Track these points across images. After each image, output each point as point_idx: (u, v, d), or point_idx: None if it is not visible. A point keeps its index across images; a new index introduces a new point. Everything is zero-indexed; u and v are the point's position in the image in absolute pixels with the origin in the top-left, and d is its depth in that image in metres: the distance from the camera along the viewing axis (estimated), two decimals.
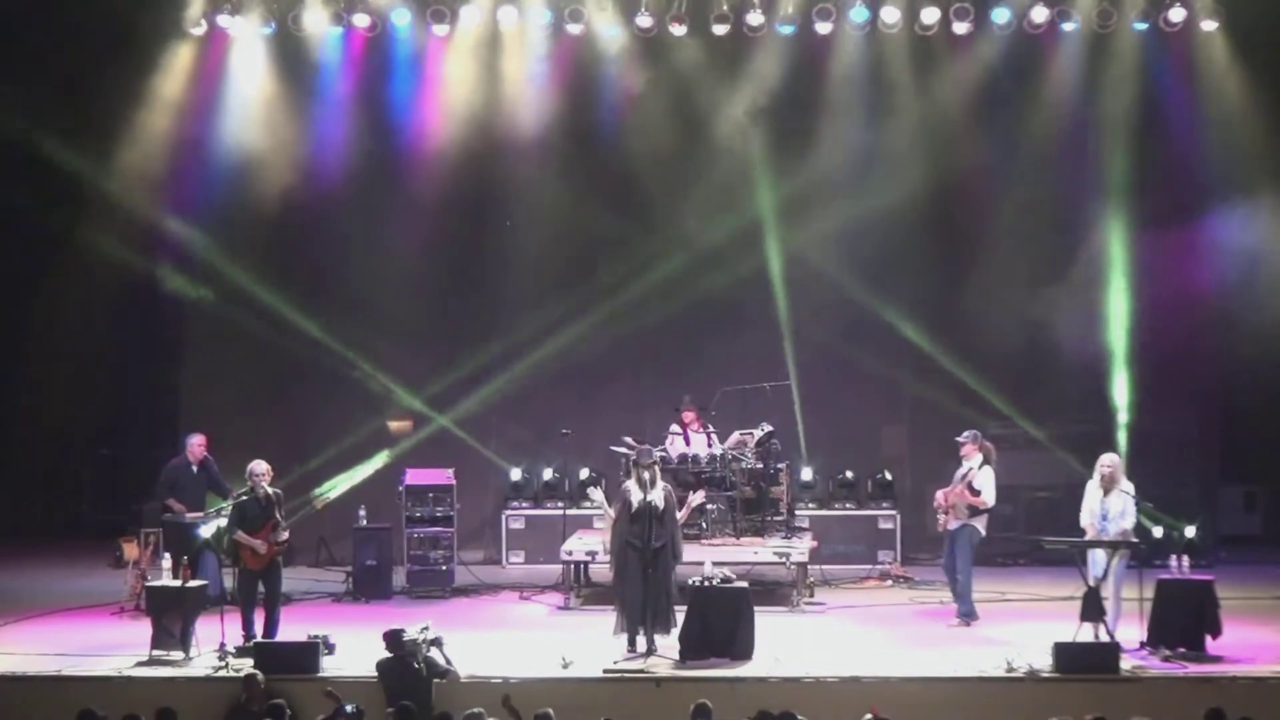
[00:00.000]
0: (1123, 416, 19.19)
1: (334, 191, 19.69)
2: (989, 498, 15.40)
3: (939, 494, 15.57)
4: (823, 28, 19.15)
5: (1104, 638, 13.60)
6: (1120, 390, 19.32)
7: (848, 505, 19.53)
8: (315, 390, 19.57)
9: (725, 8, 19.00)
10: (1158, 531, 17.47)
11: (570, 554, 16.82)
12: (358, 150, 19.69)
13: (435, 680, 12.71)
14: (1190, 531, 17.88)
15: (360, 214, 19.72)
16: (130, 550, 18.17)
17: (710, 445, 17.62)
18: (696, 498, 14.35)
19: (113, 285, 19.45)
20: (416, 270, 19.71)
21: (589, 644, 14.10)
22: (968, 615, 15.39)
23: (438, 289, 19.80)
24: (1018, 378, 19.40)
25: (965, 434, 15.67)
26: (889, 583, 17.99)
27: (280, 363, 19.54)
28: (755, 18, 19.11)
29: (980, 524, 15.45)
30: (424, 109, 19.80)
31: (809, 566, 16.73)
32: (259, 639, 13.93)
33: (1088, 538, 14.42)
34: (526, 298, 19.68)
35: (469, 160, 19.60)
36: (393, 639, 12.75)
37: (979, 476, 15.35)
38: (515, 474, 19.71)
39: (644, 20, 19.14)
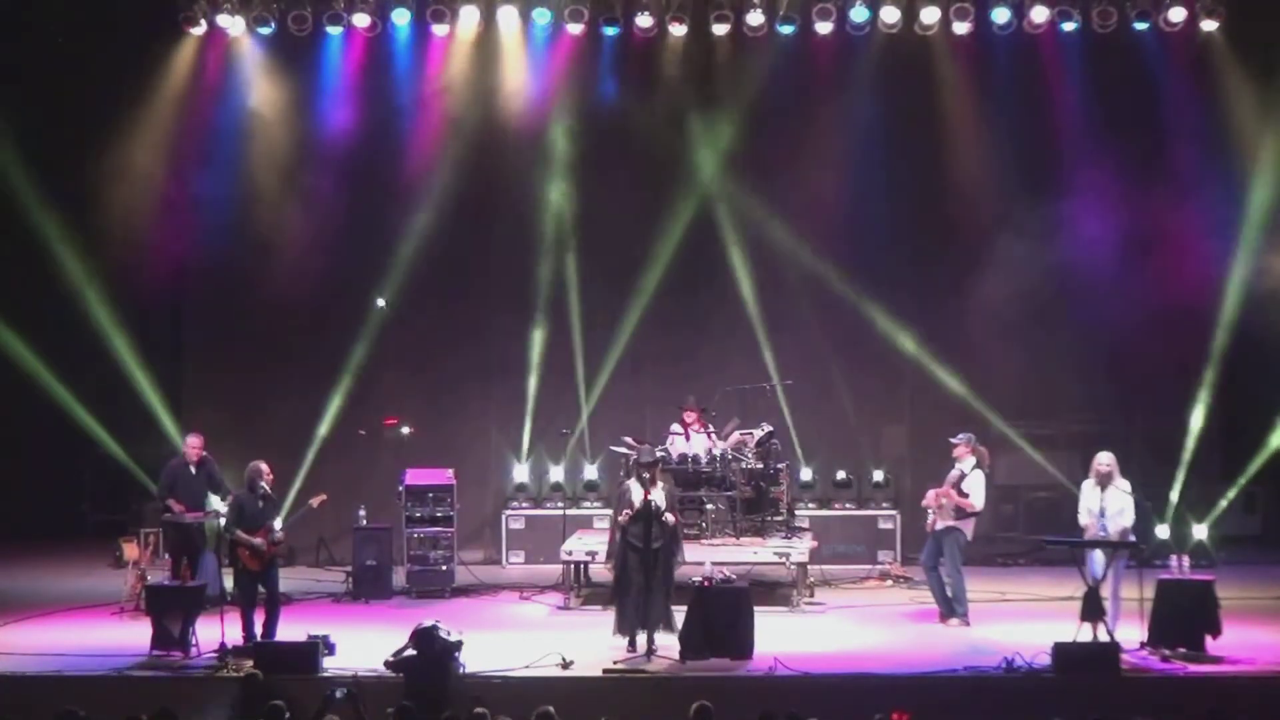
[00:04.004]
0: (1123, 416, 19.33)
1: (332, 191, 19.71)
2: (977, 502, 15.39)
3: (930, 493, 15.58)
4: (823, 27, 19.18)
5: (1104, 638, 13.59)
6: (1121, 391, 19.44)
7: (848, 505, 19.54)
8: (315, 391, 19.57)
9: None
10: (1163, 531, 17.57)
11: (570, 554, 16.81)
12: (357, 149, 19.71)
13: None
14: (1200, 531, 18.00)
15: (358, 212, 19.74)
16: (130, 550, 18.21)
17: (711, 444, 17.59)
18: (669, 518, 14.21)
19: (109, 284, 19.48)
20: (415, 268, 19.72)
21: (589, 644, 14.11)
22: (965, 615, 15.39)
23: (437, 287, 19.80)
24: (1018, 377, 19.42)
25: (960, 436, 15.66)
26: (889, 583, 17.97)
27: (280, 363, 19.57)
28: (755, 17, 19.14)
29: (967, 528, 15.42)
30: (423, 109, 19.81)
31: (809, 566, 16.73)
32: (259, 639, 13.93)
33: (1087, 537, 14.44)
34: (526, 296, 19.68)
35: (468, 159, 19.61)
36: (424, 639, 12.72)
37: (970, 480, 15.34)
38: (519, 474, 19.72)
39: (644, 20, 19.17)
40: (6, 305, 19.10)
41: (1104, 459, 14.50)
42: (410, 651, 12.95)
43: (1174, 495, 18.67)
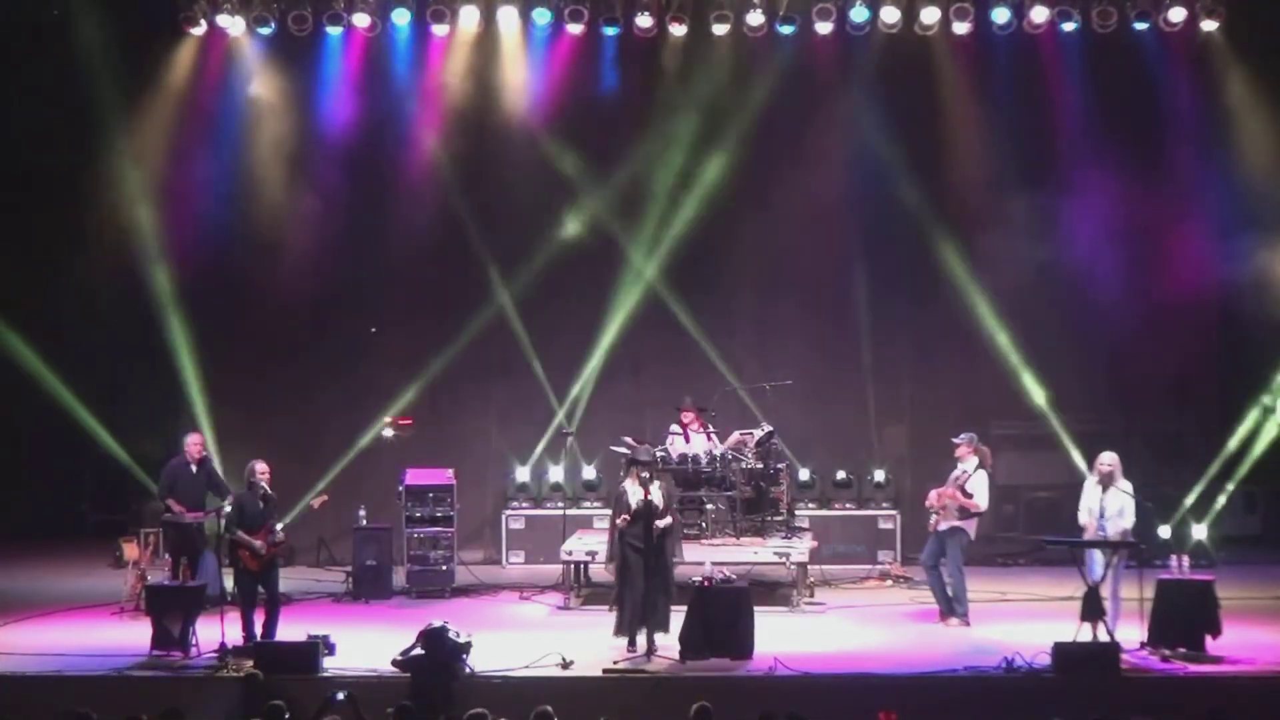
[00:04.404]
0: (1123, 416, 19.33)
1: (332, 191, 19.71)
2: (981, 502, 15.39)
3: (932, 493, 15.58)
4: (823, 27, 19.18)
5: (1104, 638, 13.59)
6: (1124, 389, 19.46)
7: (848, 505, 19.54)
8: (317, 390, 19.57)
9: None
10: (1165, 532, 17.56)
11: (570, 554, 16.81)
12: (357, 148, 19.71)
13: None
14: (1200, 531, 17.97)
15: (359, 212, 19.74)
16: (130, 550, 18.20)
17: (710, 444, 17.60)
18: (664, 522, 14.25)
19: (111, 282, 19.49)
20: (416, 269, 19.72)
21: (589, 644, 14.11)
22: (965, 615, 15.40)
23: (437, 287, 19.79)
24: (1018, 377, 19.41)
25: (962, 435, 15.65)
26: (889, 583, 17.97)
27: (281, 361, 19.58)
28: (755, 17, 19.14)
29: (970, 528, 15.44)
30: (424, 110, 19.81)
31: (809, 566, 16.73)
32: (259, 639, 13.93)
33: (1086, 536, 14.44)
34: (526, 296, 19.69)
35: (467, 159, 19.63)
36: (433, 639, 12.69)
37: (973, 480, 15.34)
38: (521, 474, 19.71)
39: (644, 20, 19.17)
40: (8, 304, 19.14)
41: (1106, 459, 14.50)
42: (418, 651, 12.95)
43: (1189, 500, 18.62)
